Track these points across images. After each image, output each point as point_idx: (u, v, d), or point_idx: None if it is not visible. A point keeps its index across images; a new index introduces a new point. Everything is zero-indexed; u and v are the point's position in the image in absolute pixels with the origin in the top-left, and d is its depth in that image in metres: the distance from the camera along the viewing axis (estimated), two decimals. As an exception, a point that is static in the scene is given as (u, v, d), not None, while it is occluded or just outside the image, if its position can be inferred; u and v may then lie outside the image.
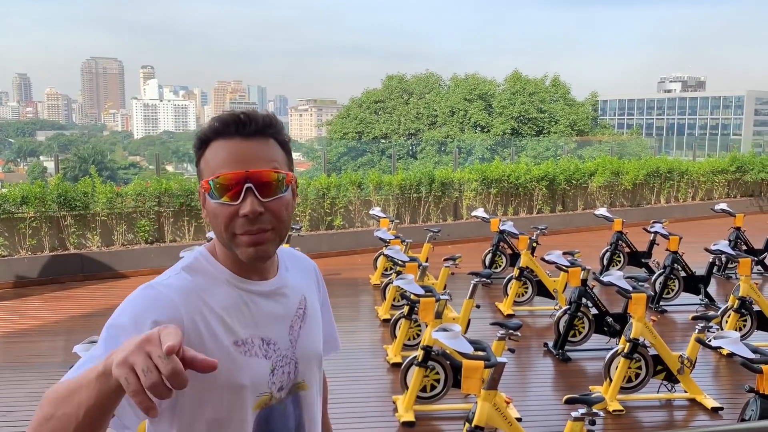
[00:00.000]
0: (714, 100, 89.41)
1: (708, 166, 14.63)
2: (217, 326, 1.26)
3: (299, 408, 1.40)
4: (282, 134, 1.32)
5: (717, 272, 8.35)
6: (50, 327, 6.78)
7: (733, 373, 5.50)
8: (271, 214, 1.26)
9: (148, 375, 0.88)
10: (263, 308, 1.34)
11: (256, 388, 1.30)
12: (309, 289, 1.48)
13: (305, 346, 1.40)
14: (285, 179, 1.28)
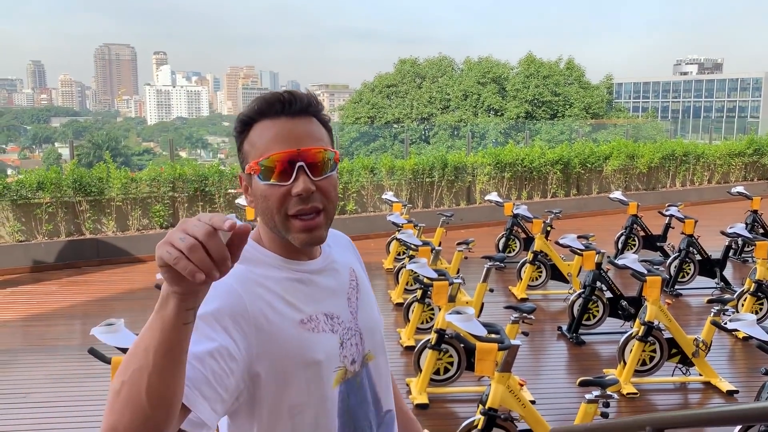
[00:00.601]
0: (731, 83, 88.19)
1: (725, 149, 14.46)
2: (282, 307, 1.26)
3: (372, 379, 1.40)
4: (323, 112, 1.32)
5: (733, 256, 8.29)
6: (67, 311, 6.87)
7: (749, 357, 5.47)
8: (321, 193, 1.25)
9: (185, 240, 0.88)
10: (319, 285, 1.34)
11: (331, 363, 1.30)
12: (354, 262, 1.49)
13: (365, 316, 1.41)
14: (333, 157, 1.28)
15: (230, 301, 1.19)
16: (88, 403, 4.65)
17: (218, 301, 1.17)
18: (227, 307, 1.18)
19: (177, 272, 0.88)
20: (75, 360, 5.40)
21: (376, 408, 1.41)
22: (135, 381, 0.96)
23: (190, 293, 0.93)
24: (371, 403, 1.39)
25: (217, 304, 1.16)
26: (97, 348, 3.23)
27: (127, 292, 7.53)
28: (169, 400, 0.98)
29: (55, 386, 4.94)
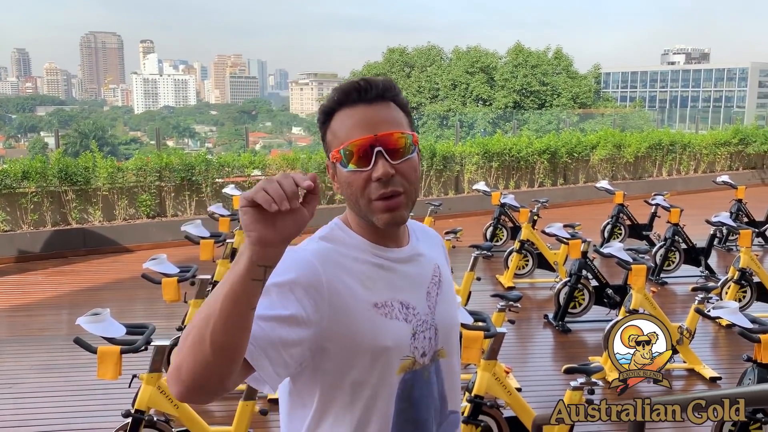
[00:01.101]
0: (718, 72, 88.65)
1: (711, 139, 14.56)
2: (357, 288, 1.29)
3: (441, 376, 1.40)
4: (401, 97, 1.34)
5: (718, 244, 8.36)
6: (53, 301, 6.84)
7: (732, 344, 5.54)
8: (401, 177, 1.28)
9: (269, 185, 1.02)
10: (401, 273, 1.36)
11: (399, 351, 1.31)
12: (440, 260, 1.49)
13: (443, 313, 1.41)
14: (411, 140, 1.30)
15: (306, 274, 1.24)
16: (74, 392, 4.64)
17: (295, 272, 1.23)
18: (303, 278, 1.23)
19: (255, 214, 1.02)
20: (61, 350, 5.39)
21: (442, 405, 1.41)
22: (202, 327, 1.04)
23: (264, 243, 1.03)
24: (437, 399, 1.40)
25: (293, 275, 1.22)
26: (83, 338, 3.22)
27: (113, 281, 7.50)
28: (230, 352, 1.05)
29: (41, 376, 4.93)
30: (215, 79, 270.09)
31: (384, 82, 1.32)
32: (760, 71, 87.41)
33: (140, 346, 3.14)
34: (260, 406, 3.49)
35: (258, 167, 10.24)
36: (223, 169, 9.91)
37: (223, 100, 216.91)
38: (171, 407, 3.33)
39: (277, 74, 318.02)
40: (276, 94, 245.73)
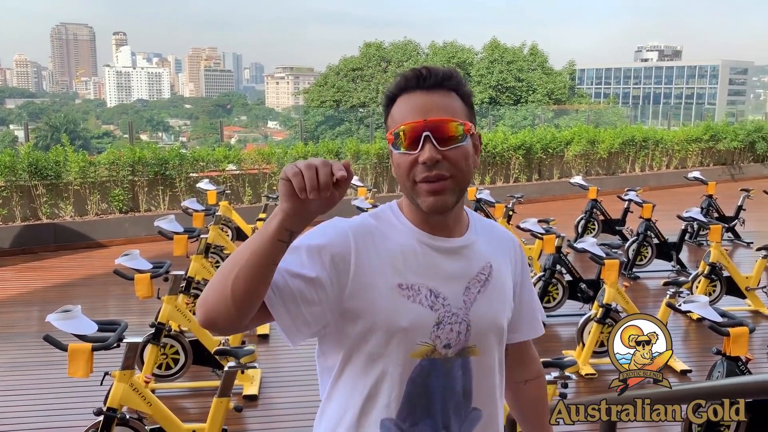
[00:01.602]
0: (690, 70, 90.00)
1: (682, 135, 14.77)
2: (386, 267, 1.33)
3: (468, 373, 1.39)
4: (463, 87, 1.36)
5: (689, 239, 8.50)
6: (23, 297, 6.72)
7: (702, 337, 5.64)
8: (449, 163, 1.30)
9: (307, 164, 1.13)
10: (438, 262, 1.37)
11: (416, 335, 1.33)
12: (499, 261, 1.46)
13: (482, 312, 1.39)
14: (463, 128, 1.32)
15: (337, 242, 1.31)
16: (44, 391, 4.57)
17: (327, 238, 1.31)
18: (332, 245, 1.30)
19: (290, 188, 1.13)
20: (31, 347, 5.29)
21: (466, 401, 1.40)
22: (228, 271, 1.18)
23: (294, 214, 1.15)
24: (459, 394, 1.39)
25: (324, 240, 1.31)
26: (54, 335, 3.16)
27: (85, 277, 7.39)
28: (247, 298, 1.18)
29: (10, 374, 4.84)
30: (189, 72, 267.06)
31: (445, 71, 1.35)
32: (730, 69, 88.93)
33: (112, 344, 3.10)
34: (235, 403, 3.47)
35: (233, 161, 10.16)
36: (198, 164, 9.81)
37: (198, 94, 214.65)
38: (144, 405, 3.29)
39: (253, 68, 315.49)
40: (252, 88, 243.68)
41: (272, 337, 5.54)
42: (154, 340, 4.20)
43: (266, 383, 4.65)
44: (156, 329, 4.21)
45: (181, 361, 4.47)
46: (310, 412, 4.23)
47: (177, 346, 4.47)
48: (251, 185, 10.11)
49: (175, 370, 4.48)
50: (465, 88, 1.38)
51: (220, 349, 3.45)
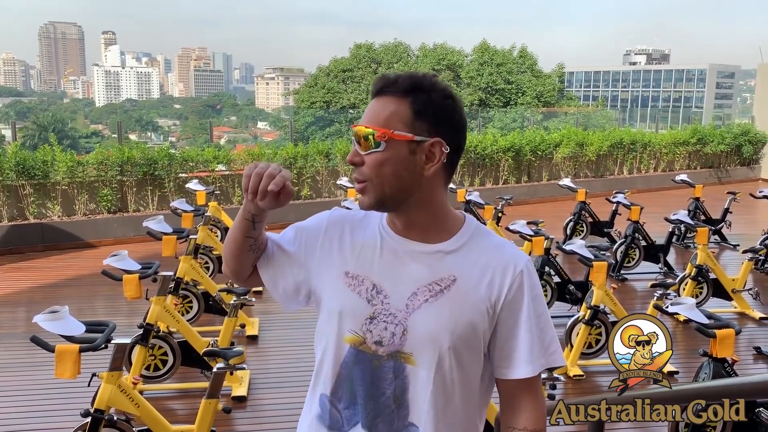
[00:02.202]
0: (677, 73, 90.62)
1: (670, 138, 14.86)
2: (344, 253, 1.45)
3: (402, 381, 1.37)
4: (418, 93, 1.35)
5: (676, 241, 8.55)
6: (10, 298, 6.66)
7: (688, 339, 5.68)
8: (366, 167, 1.37)
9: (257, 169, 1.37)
10: (393, 262, 1.41)
11: (348, 322, 1.41)
12: (475, 279, 1.39)
13: (423, 321, 1.37)
14: (374, 136, 1.34)
15: (314, 226, 1.51)
16: (31, 392, 4.54)
17: (310, 222, 1.53)
18: (310, 228, 1.51)
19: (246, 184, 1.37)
20: (18, 348, 5.25)
21: (399, 410, 1.39)
22: (227, 238, 1.52)
23: (248, 205, 1.41)
24: (389, 399, 1.38)
25: (308, 223, 1.53)
26: (41, 336, 3.14)
27: (73, 278, 7.34)
28: (234, 259, 1.52)
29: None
30: (179, 72, 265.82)
31: (394, 77, 1.37)
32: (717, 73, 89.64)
33: (100, 345, 3.08)
34: (224, 404, 3.46)
35: (222, 162, 10.12)
36: (187, 164, 9.77)
37: (187, 94, 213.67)
38: (131, 406, 3.27)
39: (243, 68, 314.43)
40: (241, 89, 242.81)
41: (261, 338, 5.53)
42: (142, 341, 4.19)
43: (255, 384, 4.64)
44: (144, 330, 4.20)
45: (170, 362, 4.46)
46: (298, 413, 4.22)
47: (165, 347, 4.45)
48: (240, 186, 10.07)
49: (163, 372, 4.47)
50: (419, 95, 1.35)
51: (208, 351, 3.44)
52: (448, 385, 1.39)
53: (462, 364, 1.39)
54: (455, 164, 1.44)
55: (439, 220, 1.42)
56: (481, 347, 1.41)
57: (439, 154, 1.37)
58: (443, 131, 1.37)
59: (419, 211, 1.40)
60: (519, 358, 1.41)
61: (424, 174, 1.36)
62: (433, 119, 1.35)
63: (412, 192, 1.37)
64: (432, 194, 1.40)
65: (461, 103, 1.43)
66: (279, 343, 5.46)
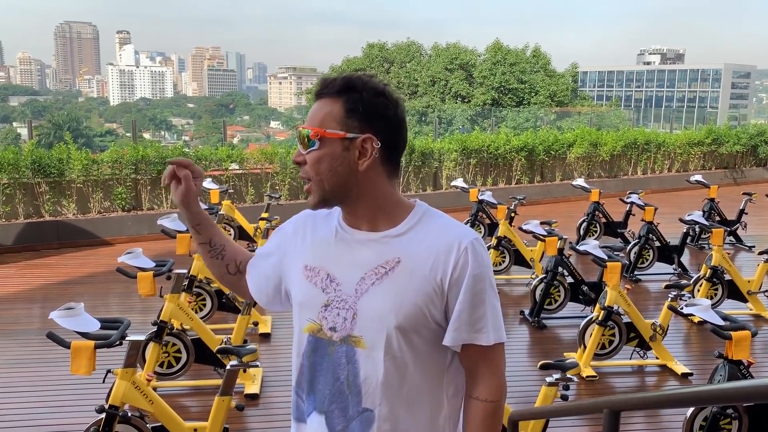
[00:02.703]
0: (692, 73, 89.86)
1: (684, 139, 14.76)
2: (305, 250, 1.54)
3: (354, 365, 1.42)
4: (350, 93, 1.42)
5: (690, 242, 8.49)
6: (26, 294, 6.73)
7: (703, 340, 5.64)
8: (308, 165, 1.44)
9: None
10: (344, 251, 1.48)
11: (306, 312, 1.50)
12: (420, 258, 1.43)
13: (371, 303, 1.42)
14: (310, 135, 1.42)
15: (285, 228, 1.63)
16: (47, 388, 4.58)
17: (285, 224, 1.64)
18: (284, 230, 1.63)
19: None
20: (33, 344, 5.30)
21: (353, 396, 1.43)
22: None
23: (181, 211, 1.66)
24: (343, 384, 1.43)
25: (284, 225, 1.64)
26: (56, 332, 3.17)
27: (88, 275, 7.40)
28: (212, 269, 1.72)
29: (13, 371, 4.85)
30: (193, 71, 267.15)
31: (328, 81, 1.44)
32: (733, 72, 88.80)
33: (115, 341, 3.10)
34: (236, 402, 3.47)
35: (236, 161, 10.16)
36: (201, 163, 9.82)
37: (201, 93, 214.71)
38: (146, 403, 3.30)
39: (256, 68, 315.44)
40: (254, 88, 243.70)
41: (274, 336, 5.55)
42: (156, 339, 4.21)
43: (267, 382, 4.65)
44: (158, 327, 4.22)
45: (183, 359, 4.48)
46: (311, 411, 4.23)
47: (179, 344, 4.47)
48: (254, 185, 10.12)
49: (176, 369, 4.49)
50: (351, 94, 1.41)
51: (222, 348, 3.46)
52: (400, 366, 1.43)
53: (412, 344, 1.43)
54: (395, 158, 1.48)
55: (385, 210, 1.47)
56: (432, 326, 1.44)
57: (371, 149, 1.42)
58: (375, 127, 1.42)
59: (362, 203, 1.46)
60: (452, 327, 1.45)
61: (359, 169, 1.42)
62: (363, 116, 1.41)
63: (350, 186, 1.44)
64: (373, 187, 1.45)
65: (396, 100, 1.47)
66: (291, 341, 5.47)
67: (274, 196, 8.23)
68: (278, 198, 8.33)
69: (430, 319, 1.43)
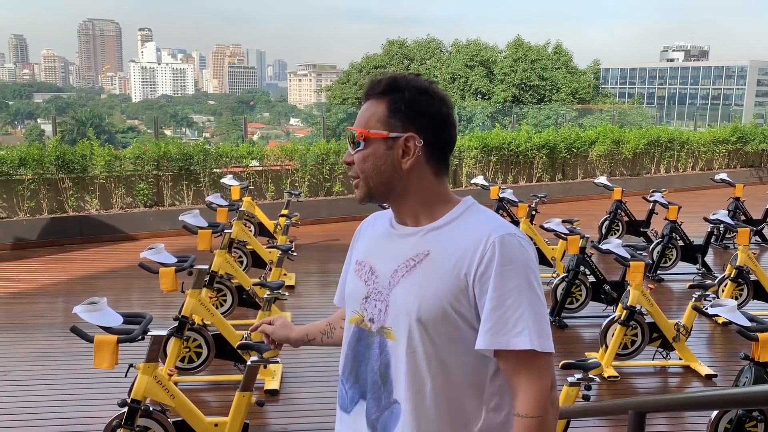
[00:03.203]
0: (717, 70, 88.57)
1: (709, 136, 14.55)
2: (360, 245, 1.61)
3: (386, 356, 1.44)
4: (393, 93, 1.45)
5: (714, 242, 8.37)
6: (50, 288, 6.81)
7: (727, 341, 5.56)
8: (355, 165, 1.48)
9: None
10: (387, 245, 1.52)
11: (352, 303, 1.54)
12: (448, 252, 1.41)
13: (399, 295, 1.44)
14: (355, 135, 1.47)
15: (358, 230, 1.68)
16: (70, 381, 4.63)
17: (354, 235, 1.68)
18: (357, 232, 1.68)
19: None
20: (57, 338, 5.37)
21: (383, 385, 1.45)
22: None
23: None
24: (376, 374, 1.46)
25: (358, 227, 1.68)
26: (80, 326, 3.20)
27: (110, 270, 7.47)
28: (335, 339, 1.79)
29: (36, 364, 4.91)
30: (213, 68, 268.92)
31: (374, 81, 1.48)
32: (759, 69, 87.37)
33: (137, 336, 3.12)
34: (257, 398, 3.48)
35: (256, 158, 10.21)
36: (221, 159, 9.88)
37: (221, 90, 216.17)
38: (167, 398, 3.32)
39: (276, 65, 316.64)
40: (274, 85, 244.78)
41: (293, 332, 5.55)
42: (177, 334, 4.24)
43: (287, 378, 4.67)
44: (179, 323, 4.25)
45: (204, 354, 4.51)
46: (331, 406, 4.22)
47: (200, 339, 4.50)
48: (273, 181, 10.15)
49: (197, 364, 4.52)
50: (395, 94, 1.45)
51: (243, 344, 3.47)
52: (422, 361, 1.40)
53: (432, 338, 1.39)
54: (441, 156, 1.50)
55: (429, 206, 1.49)
56: (458, 324, 1.39)
57: (414, 147, 1.45)
58: (418, 126, 1.45)
59: (407, 199, 1.49)
60: (480, 330, 1.37)
61: (402, 167, 1.45)
62: (406, 115, 1.44)
63: (394, 184, 1.47)
64: (417, 184, 1.47)
65: (442, 97, 1.48)
66: (311, 338, 5.47)
67: (294, 193, 8.25)
68: (298, 195, 8.35)
69: (456, 315, 1.39)
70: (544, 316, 1.39)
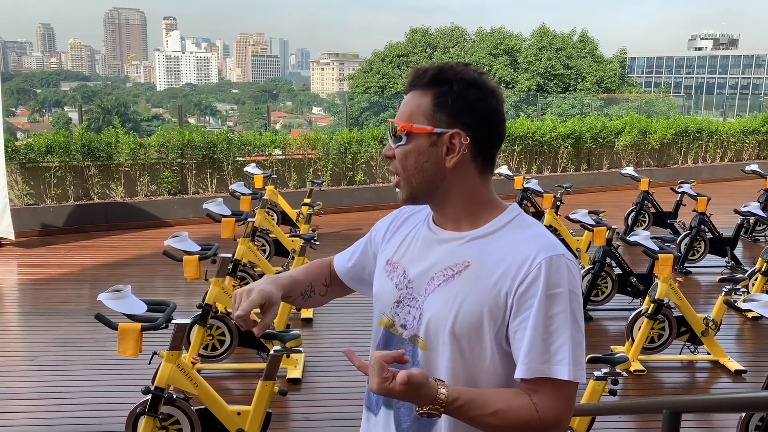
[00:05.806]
0: (746, 59, 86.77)
1: (738, 127, 14.25)
2: (392, 243, 1.51)
3: (417, 365, 1.36)
4: (439, 85, 1.35)
5: (744, 234, 8.20)
6: (76, 275, 6.89)
7: (758, 337, 5.45)
8: (396, 160, 1.39)
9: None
10: (425, 249, 1.42)
11: (381, 305, 1.47)
12: (490, 267, 1.33)
13: (434, 305, 1.36)
14: (397, 129, 1.37)
15: (382, 223, 1.60)
16: (95, 367, 4.68)
17: (386, 217, 1.60)
18: (379, 225, 1.60)
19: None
20: (82, 324, 5.43)
21: None
22: None
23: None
24: None
25: (384, 218, 1.61)
26: (104, 313, 3.22)
27: (135, 257, 7.54)
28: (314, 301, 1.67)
29: (62, 350, 4.97)
30: (237, 57, 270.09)
31: (419, 71, 1.38)
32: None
33: (161, 324, 3.13)
34: (279, 387, 3.48)
35: (279, 146, 10.21)
36: (245, 148, 9.89)
37: (245, 79, 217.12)
38: (190, 386, 3.32)
39: (299, 54, 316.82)
40: (297, 74, 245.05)
41: (316, 321, 5.56)
42: (201, 322, 4.25)
43: (309, 367, 4.67)
44: (203, 311, 4.26)
45: (227, 342, 4.52)
46: (352, 396, 4.23)
47: (223, 327, 4.51)
48: (296, 170, 10.15)
49: (220, 352, 4.53)
50: (441, 86, 1.34)
51: (267, 333, 3.46)
52: (451, 376, 1.33)
53: (463, 352, 1.33)
54: (488, 154, 1.38)
55: (472, 210, 1.39)
56: (486, 339, 1.31)
57: (459, 145, 1.34)
58: (465, 121, 1.34)
59: (450, 201, 1.39)
60: (518, 356, 1.29)
61: (446, 166, 1.35)
62: (453, 109, 1.33)
63: (437, 184, 1.37)
64: (461, 185, 1.37)
65: (492, 90, 1.37)
66: (333, 327, 5.47)
67: (317, 182, 8.24)
68: (320, 183, 8.34)
69: (489, 332, 1.32)
70: (582, 344, 1.32)
